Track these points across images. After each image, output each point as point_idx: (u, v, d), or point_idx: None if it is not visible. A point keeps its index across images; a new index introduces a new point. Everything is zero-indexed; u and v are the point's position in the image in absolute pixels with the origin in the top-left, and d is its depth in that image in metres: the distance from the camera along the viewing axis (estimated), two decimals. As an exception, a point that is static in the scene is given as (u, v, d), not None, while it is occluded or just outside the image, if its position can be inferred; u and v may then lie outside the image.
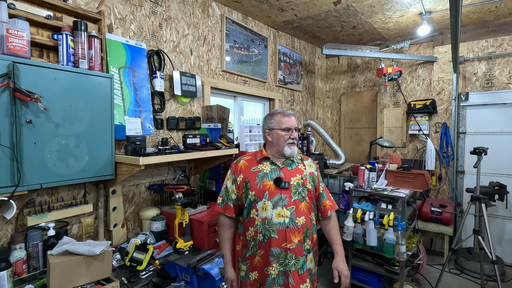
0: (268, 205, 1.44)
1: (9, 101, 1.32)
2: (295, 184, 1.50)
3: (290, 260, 1.42)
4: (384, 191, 2.54)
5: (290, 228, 1.43)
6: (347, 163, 4.10)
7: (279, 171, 1.51)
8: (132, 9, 2.04)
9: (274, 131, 1.54)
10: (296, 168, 1.56)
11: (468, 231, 3.45)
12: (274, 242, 1.42)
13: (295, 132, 1.53)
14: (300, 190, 1.50)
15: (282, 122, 1.53)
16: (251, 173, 1.51)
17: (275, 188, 1.46)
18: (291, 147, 1.52)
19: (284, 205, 1.45)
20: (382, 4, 2.87)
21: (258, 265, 1.47)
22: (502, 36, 3.35)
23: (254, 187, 1.47)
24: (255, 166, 1.54)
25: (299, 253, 1.45)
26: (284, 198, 1.46)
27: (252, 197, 1.48)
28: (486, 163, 3.29)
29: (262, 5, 2.86)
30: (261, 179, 1.48)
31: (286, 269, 1.42)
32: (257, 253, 1.46)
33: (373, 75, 4.26)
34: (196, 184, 2.48)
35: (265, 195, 1.45)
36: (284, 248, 1.42)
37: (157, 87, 2.14)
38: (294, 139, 1.53)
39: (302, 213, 1.48)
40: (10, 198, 1.33)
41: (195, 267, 1.29)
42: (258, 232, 1.45)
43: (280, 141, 1.52)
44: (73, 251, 1.31)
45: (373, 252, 2.52)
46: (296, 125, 1.56)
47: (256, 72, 3.21)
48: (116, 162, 1.74)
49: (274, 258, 1.42)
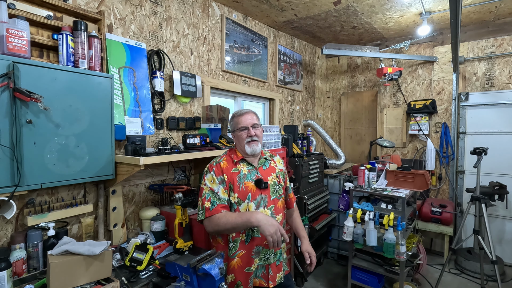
0: (251, 206, 1.46)
1: (9, 101, 1.32)
2: (272, 183, 1.55)
3: (270, 255, 1.49)
4: (384, 191, 2.54)
5: None
6: (347, 163, 4.10)
7: (257, 172, 1.53)
8: (132, 9, 2.04)
9: (235, 132, 1.56)
10: (269, 166, 1.61)
11: (468, 231, 3.45)
12: (258, 240, 1.47)
13: (253, 130, 1.51)
14: (277, 189, 1.57)
15: (238, 122, 1.54)
16: (233, 174, 1.49)
17: (256, 189, 1.49)
18: (251, 145, 1.50)
19: (265, 205, 1.50)
20: (382, 4, 2.87)
21: (236, 268, 1.45)
22: (502, 36, 3.35)
23: (237, 189, 1.46)
24: (234, 168, 1.51)
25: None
26: (264, 198, 1.50)
27: (234, 199, 1.46)
28: (486, 163, 3.29)
29: (262, 5, 2.86)
30: (242, 180, 1.48)
31: (266, 263, 1.49)
32: (237, 254, 1.45)
33: (373, 75, 4.26)
34: (196, 184, 2.48)
35: (248, 197, 1.46)
36: (265, 245, 1.47)
37: (157, 87, 2.14)
38: (253, 136, 1.50)
39: (279, 211, 1.55)
40: (10, 198, 1.33)
41: (195, 267, 1.29)
42: (240, 233, 1.45)
43: (240, 141, 1.53)
44: (73, 251, 1.31)
45: (373, 252, 2.52)
46: (254, 121, 1.54)
47: (256, 72, 3.22)
48: (116, 162, 1.74)
49: (255, 254, 1.47)
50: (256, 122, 1.55)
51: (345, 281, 2.81)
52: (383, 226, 2.37)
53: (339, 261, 3.37)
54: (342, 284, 2.88)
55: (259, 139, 1.53)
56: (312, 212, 2.99)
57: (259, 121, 1.59)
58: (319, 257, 3.23)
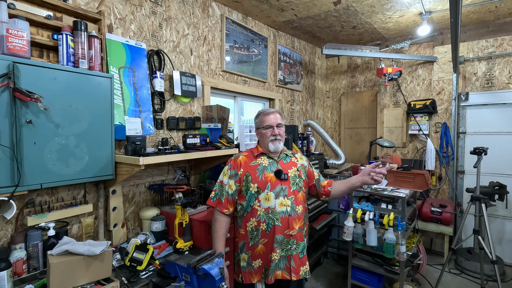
0: (271, 195, 1.54)
1: (9, 101, 1.32)
2: (292, 175, 1.62)
3: (292, 246, 1.53)
4: (384, 191, 2.54)
5: (292, 216, 1.55)
6: (347, 163, 4.10)
7: (277, 164, 1.63)
8: (132, 9, 2.04)
9: (259, 130, 1.67)
10: (290, 161, 1.69)
11: (468, 231, 3.45)
12: (278, 229, 1.51)
13: (277, 129, 1.62)
14: (297, 181, 1.63)
15: (264, 121, 1.65)
16: (251, 167, 1.60)
17: (276, 179, 1.56)
18: (274, 143, 1.61)
19: (285, 195, 1.55)
20: (382, 4, 2.87)
21: (261, 253, 1.54)
22: (502, 36, 3.35)
23: (256, 180, 1.56)
24: (253, 161, 1.63)
25: (299, 239, 1.57)
26: (284, 188, 1.56)
27: (254, 189, 1.56)
28: (486, 163, 3.29)
29: (262, 5, 2.86)
30: (262, 171, 1.58)
31: (288, 254, 1.53)
32: (260, 242, 1.54)
33: (373, 75, 4.26)
34: (196, 184, 2.48)
35: (267, 186, 1.54)
36: (287, 235, 1.52)
37: (157, 87, 2.14)
38: (277, 135, 1.61)
39: (300, 202, 1.60)
40: (10, 198, 1.33)
41: (195, 267, 1.29)
42: (261, 222, 1.53)
43: (264, 139, 1.64)
44: (73, 251, 1.31)
45: (373, 252, 2.52)
46: (278, 121, 1.64)
47: (256, 72, 3.21)
48: (116, 162, 1.74)
49: (278, 244, 1.52)
50: (280, 122, 1.66)
51: (345, 281, 2.81)
52: (383, 226, 2.37)
53: (339, 261, 3.36)
54: (342, 284, 2.88)
55: (282, 138, 1.64)
56: (312, 212, 2.99)
57: (283, 121, 1.69)
58: (319, 257, 3.23)
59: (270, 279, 1.51)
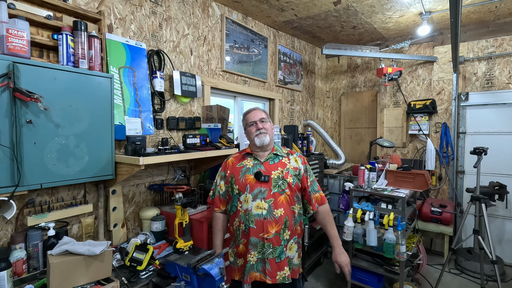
0: (249, 197, 1.55)
1: (9, 101, 1.32)
2: (275, 177, 1.57)
3: (267, 249, 1.51)
4: (384, 191, 2.54)
5: (268, 219, 1.52)
6: (347, 163, 4.10)
7: (261, 165, 1.61)
8: (132, 9, 2.04)
9: (246, 129, 1.69)
10: (279, 162, 1.63)
11: (468, 231, 3.45)
12: (253, 231, 1.52)
13: (260, 123, 1.62)
14: (280, 183, 1.56)
15: (247, 119, 1.67)
16: (236, 169, 1.64)
17: (255, 181, 1.56)
18: (260, 137, 1.60)
19: (263, 197, 1.53)
20: (382, 4, 2.87)
21: (242, 252, 1.58)
22: (502, 36, 3.35)
23: (238, 181, 1.59)
24: (240, 162, 1.66)
25: (276, 243, 1.52)
26: (263, 191, 1.54)
27: (236, 190, 1.60)
28: (486, 163, 3.29)
29: (262, 5, 2.86)
30: (244, 173, 1.60)
31: (264, 257, 1.52)
32: (241, 241, 1.58)
33: (373, 75, 4.26)
34: (196, 184, 2.48)
35: (246, 188, 1.56)
36: (262, 238, 1.52)
37: (157, 87, 2.14)
38: (261, 129, 1.60)
39: (280, 205, 1.54)
40: (10, 198, 1.33)
41: (195, 267, 1.29)
42: (241, 223, 1.57)
43: (250, 135, 1.65)
44: (73, 251, 1.31)
45: (373, 252, 2.52)
46: (261, 116, 1.65)
47: (256, 72, 3.21)
48: (116, 162, 1.74)
49: (253, 246, 1.53)
50: (263, 117, 1.65)
51: (345, 281, 2.80)
52: (383, 226, 2.37)
53: (339, 261, 3.36)
54: (342, 284, 2.88)
55: (267, 131, 1.62)
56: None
57: (268, 116, 1.69)
58: (319, 257, 3.23)
59: (246, 279, 1.53)
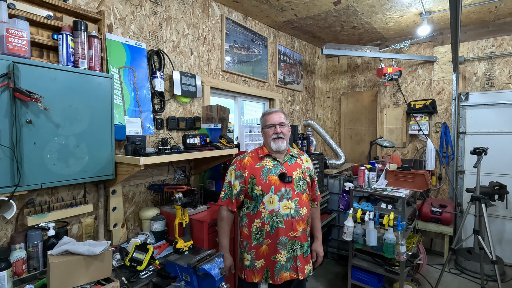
0: (274, 198, 1.55)
1: (9, 101, 1.32)
2: (297, 178, 1.62)
3: (297, 246, 1.57)
4: (384, 191, 2.54)
5: (296, 218, 1.57)
6: (347, 163, 4.10)
7: (281, 166, 1.62)
8: (132, 9, 2.04)
9: (263, 130, 1.69)
10: (295, 163, 1.68)
11: (468, 231, 3.45)
12: (282, 231, 1.54)
13: (279, 127, 1.62)
14: (302, 183, 1.63)
15: (266, 120, 1.67)
16: (256, 169, 1.61)
17: (280, 182, 1.57)
18: (276, 142, 1.61)
19: (289, 197, 1.57)
20: (382, 4, 2.86)
21: (264, 254, 1.57)
22: (502, 36, 3.35)
23: (260, 182, 1.57)
24: (258, 163, 1.64)
25: (303, 240, 1.61)
26: (288, 191, 1.57)
27: (258, 191, 1.57)
28: (486, 163, 3.29)
29: (262, 5, 2.86)
30: (266, 174, 1.59)
31: (294, 255, 1.56)
32: (264, 242, 1.56)
33: (373, 75, 4.26)
34: (196, 184, 2.48)
35: (271, 189, 1.56)
36: (291, 237, 1.55)
37: (157, 87, 2.14)
38: (278, 134, 1.61)
39: (304, 204, 1.62)
40: (10, 198, 1.33)
41: (195, 267, 1.29)
42: (265, 224, 1.56)
43: (267, 138, 1.66)
44: (73, 251, 1.31)
45: (373, 252, 2.51)
46: (281, 120, 1.65)
47: (256, 72, 3.21)
48: (116, 162, 1.74)
49: (282, 246, 1.54)
50: (283, 121, 1.66)
51: (345, 281, 2.81)
52: (383, 226, 2.37)
53: (339, 261, 3.36)
54: (342, 284, 2.88)
55: (285, 136, 1.64)
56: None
57: (287, 120, 1.69)
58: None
59: (276, 279, 1.54)
